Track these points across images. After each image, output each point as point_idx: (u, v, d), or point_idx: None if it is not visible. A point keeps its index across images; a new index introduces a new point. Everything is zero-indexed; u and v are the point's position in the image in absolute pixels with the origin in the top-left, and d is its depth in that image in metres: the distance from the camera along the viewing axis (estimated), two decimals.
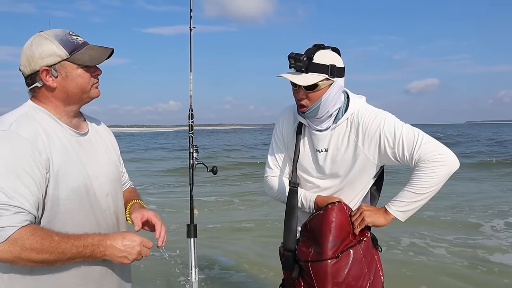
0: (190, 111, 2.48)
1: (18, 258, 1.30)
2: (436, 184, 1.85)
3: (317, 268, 1.85)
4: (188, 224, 2.39)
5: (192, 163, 2.39)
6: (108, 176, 1.63)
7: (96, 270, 1.54)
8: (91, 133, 1.64)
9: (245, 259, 5.39)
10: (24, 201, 1.32)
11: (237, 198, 9.87)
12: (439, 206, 7.87)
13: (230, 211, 8.56)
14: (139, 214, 1.67)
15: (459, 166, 1.88)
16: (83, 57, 1.49)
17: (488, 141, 31.59)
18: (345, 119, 1.95)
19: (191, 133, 2.44)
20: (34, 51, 1.46)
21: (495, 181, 12.35)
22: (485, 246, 5.72)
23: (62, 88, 1.49)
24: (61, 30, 1.51)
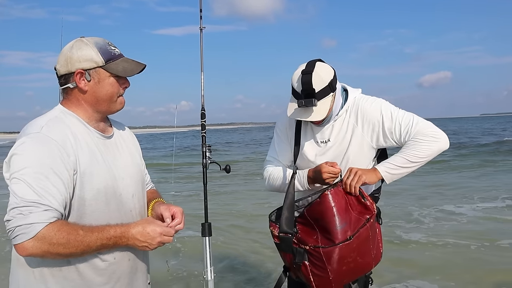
0: (202, 111, 2.49)
1: (47, 252, 1.36)
2: (428, 156, 2.01)
3: (330, 252, 1.89)
4: (203, 223, 2.40)
5: (205, 162, 2.40)
6: (133, 177, 1.69)
7: (121, 269, 1.60)
8: (116, 137, 1.71)
9: (260, 255, 5.42)
10: (52, 199, 1.38)
11: (248, 194, 9.92)
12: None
13: (241, 206, 8.60)
14: (167, 206, 1.73)
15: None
16: (117, 67, 1.58)
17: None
18: (345, 110, 2.09)
19: (204, 133, 2.45)
20: (73, 53, 1.55)
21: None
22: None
23: (93, 92, 1.57)
24: (101, 39, 1.61)
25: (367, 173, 2.00)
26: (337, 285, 1.95)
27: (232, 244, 5.98)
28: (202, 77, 2.54)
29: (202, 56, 2.54)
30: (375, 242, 2.01)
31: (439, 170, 13.12)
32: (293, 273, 2.09)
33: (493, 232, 6.07)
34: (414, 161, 2.00)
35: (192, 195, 10.06)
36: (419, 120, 2.04)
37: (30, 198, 1.35)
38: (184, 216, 1.71)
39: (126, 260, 1.61)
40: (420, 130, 2.01)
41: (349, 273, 1.95)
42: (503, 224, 6.56)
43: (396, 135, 2.04)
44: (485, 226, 6.48)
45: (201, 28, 2.56)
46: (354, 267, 1.94)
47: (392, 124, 2.04)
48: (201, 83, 2.53)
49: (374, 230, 2.01)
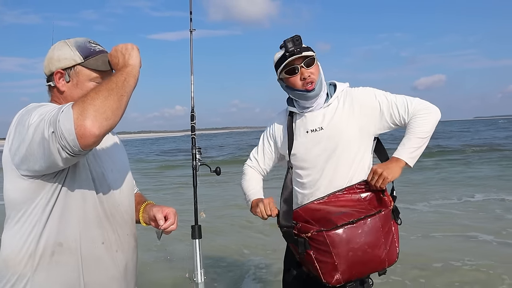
0: (192, 113, 2.49)
1: (102, 116, 1.21)
2: (432, 129, 2.10)
3: (333, 235, 1.88)
4: (193, 225, 2.39)
5: (195, 164, 2.40)
6: (122, 174, 1.68)
7: (108, 273, 1.56)
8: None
9: (251, 254, 5.42)
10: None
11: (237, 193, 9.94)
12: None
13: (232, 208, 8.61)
14: (160, 208, 1.72)
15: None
16: (96, 62, 1.55)
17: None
18: (335, 97, 2.14)
19: (193, 135, 2.44)
20: (54, 53, 1.57)
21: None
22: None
23: (69, 94, 1.56)
24: (83, 39, 1.61)
25: (390, 170, 2.01)
26: (345, 274, 1.89)
27: (222, 245, 5.97)
28: (192, 79, 2.54)
29: (192, 58, 2.54)
30: (389, 238, 1.98)
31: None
32: (305, 267, 2.08)
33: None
34: (425, 136, 2.07)
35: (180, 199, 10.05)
36: (411, 99, 2.13)
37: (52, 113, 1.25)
38: (177, 217, 1.71)
39: (114, 251, 1.58)
40: (416, 107, 2.10)
41: (357, 263, 1.90)
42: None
43: (396, 116, 2.10)
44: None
45: (191, 30, 2.56)
46: (363, 257, 1.89)
47: (390, 106, 2.10)
48: (191, 85, 2.53)
49: (389, 226, 2.00)
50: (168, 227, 1.67)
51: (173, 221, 1.68)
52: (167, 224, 1.66)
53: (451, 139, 29.55)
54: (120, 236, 1.62)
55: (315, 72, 2.09)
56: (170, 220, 1.67)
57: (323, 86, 2.14)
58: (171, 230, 1.69)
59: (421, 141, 2.06)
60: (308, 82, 2.08)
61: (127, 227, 1.66)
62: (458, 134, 36.21)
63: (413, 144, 2.06)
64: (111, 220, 1.58)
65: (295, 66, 2.09)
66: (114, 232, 1.59)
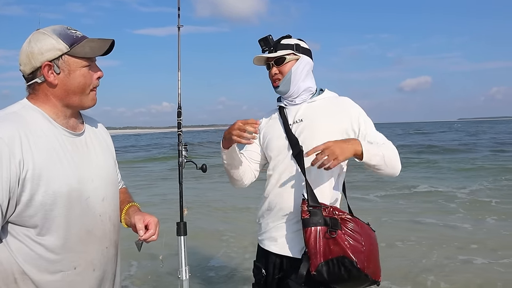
0: (179, 109, 2.48)
1: None
2: (391, 166, 2.01)
3: (362, 224, 2.00)
4: (178, 222, 2.38)
5: (181, 161, 2.39)
6: (104, 179, 1.57)
7: (84, 280, 1.50)
8: (87, 134, 1.58)
9: (236, 253, 5.42)
10: None
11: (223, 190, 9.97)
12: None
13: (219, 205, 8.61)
14: (141, 216, 1.63)
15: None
16: (83, 49, 1.45)
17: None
18: (322, 98, 2.19)
19: (180, 131, 2.44)
20: (33, 47, 1.43)
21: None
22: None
23: (63, 85, 1.45)
24: (59, 26, 1.48)
25: (343, 150, 1.85)
26: (365, 263, 1.88)
27: (207, 242, 5.96)
28: (179, 76, 2.53)
29: (180, 54, 2.53)
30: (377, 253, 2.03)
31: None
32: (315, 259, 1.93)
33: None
34: (385, 159, 1.96)
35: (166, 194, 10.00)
36: (384, 138, 2.12)
37: None
38: (159, 227, 1.64)
39: (90, 271, 1.51)
40: (382, 141, 2.09)
41: (373, 260, 1.93)
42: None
43: (362, 136, 2.10)
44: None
45: (178, 26, 2.55)
46: (374, 259, 1.95)
47: (367, 127, 2.13)
48: (178, 82, 2.52)
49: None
50: (149, 238, 1.61)
51: (153, 232, 1.61)
52: (147, 235, 1.60)
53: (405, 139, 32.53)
54: (97, 252, 1.54)
55: (282, 71, 2.15)
56: (151, 231, 1.60)
57: (298, 86, 2.16)
58: (152, 240, 1.62)
59: (381, 159, 1.95)
60: (274, 79, 2.19)
61: (107, 239, 1.58)
62: (407, 135, 40.78)
63: (378, 151, 1.95)
64: (87, 239, 1.49)
65: (268, 62, 2.21)
66: (89, 252, 1.51)
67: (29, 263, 1.37)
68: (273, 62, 2.17)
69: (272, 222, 2.19)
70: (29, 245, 1.37)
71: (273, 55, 2.15)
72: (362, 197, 9.43)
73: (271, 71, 2.19)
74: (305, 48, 2.21)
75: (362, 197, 9.39)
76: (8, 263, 1.36)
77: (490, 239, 6.06)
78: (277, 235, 2.16)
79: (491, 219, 7.32)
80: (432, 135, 42.81)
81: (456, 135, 40.76)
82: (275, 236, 2.17)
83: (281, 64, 2.16)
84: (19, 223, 1.36)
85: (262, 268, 2.23)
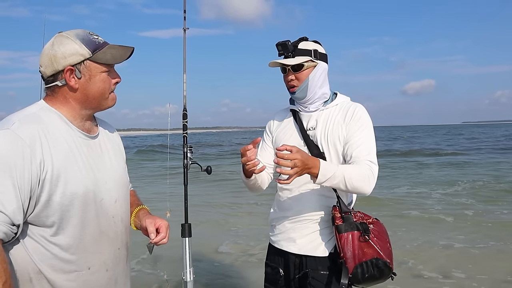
0: (184, 111, 2.49)
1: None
2: (355, 188, 1.91)
3: (384, 226, 2.09)
4: (183, 224, 2.39)
5: (186, 162, 2.40)
6: (117, 181, 1.60)
7: (97, 280, 1.51)
8: (101, 137, 1.61)
9: (239, 255, 5.43)
10: (7, 204, 1.28)
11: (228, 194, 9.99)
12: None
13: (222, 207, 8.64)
14: (152, 220, 1.65)
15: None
16: (105, 55, 1.48)
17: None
18: (334, 104, 2.16)
19: (185, 133, 2.45)
20: (56, 51, 1.44)
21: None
22: None
23: (83, 90, 1.48)
24: (82, 30, 1.50)
25: (306, 165, 1.77)
26: (391, 261, 2.03)
27: (211, 244, 5.97)
28: (184, 78, 2.54)
29: (185, 57, 2.54)
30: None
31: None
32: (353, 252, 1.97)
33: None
34: (346, 180, 1.88)
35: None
36: (370, 152, 2.01)
37: None
38: (169, 230, 1.66)
39: (103, 271, 1.53)
40: (365, 158, 1.98)
41: (392, 255, 2.06)
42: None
43: (352, 150, 2.01)
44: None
45: (184, 29, 2.56)
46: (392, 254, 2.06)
47: (354, 139, 2.03)
48: (183, 84, 2.54)
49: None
50: (160, 241, 1.63)
51: (164, 235, 1.63)
52: (159, 238, 1.62)
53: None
54: (110, 253, 1.56)
55: (299, 78, 2.11)
56: (161, 234, 1.63)
57: (314, 92, 2.13)
58: (162, 243, 1.65)
59: (342, 181, 1.87)
60: (290, 85, 2.14)
61: (119, 240, 1.60)
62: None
63: (339, 173, 1.86)
64: (100, 240, 1.51)
65: (285, 66, 2.14)
66: (103, 253, 1.53)
67: (44, 262, 1.39)
68: (289, 68, 2.12)
69: (290, 223, 2.18)
70: (45, 245, 1.39)
71: (291, 62, 2.09)
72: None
73: (287, 77, 2.14)
74: (322, 54, 2.17)
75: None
76: (24, 263, 1.38)
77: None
78: (296, 236, 2.16)
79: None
80: (415, 139, 44.02)
81: (436, 139, 42.24)
82: (293, 237, 2.17)
83: (298, 71, 2.11)
84: (36, 223, 1.38)
85: (280, 268, 2.23)
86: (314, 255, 2.12)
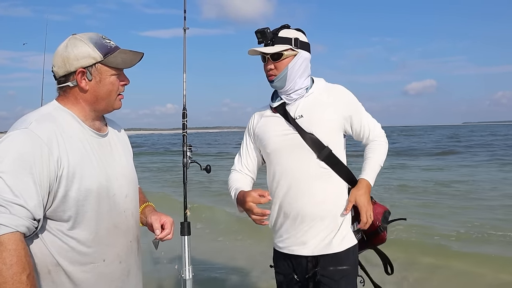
0: (184, 110, 2.51)
1: None
2: (384, 159, 2.27)
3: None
4: (182, 222, 2.41)
5: (185, 161, 2.41)
6: (127, 177, 1.67)
7: (112, 272, 1.57)
8: (111, 135, 1.68)
9: (239, 256, 5.42)
10: (29, 200, 1.34)
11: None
12: None
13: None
14: (158, 217, 1.73)
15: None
16: (116, 60, 1.55)
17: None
18: (316, 89, 2.15)
19: (185, 132, 2.46)
20: (69, 52, 1.51)
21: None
22: None
23: (93, 91, 1.55)
24: (95, 34, 1.57)
25: (368, 202, 2.14)
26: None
27: (210, 242, 5.98)
28: (184, 78, 2.56)
29: (185, 56, 2.56)
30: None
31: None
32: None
33: None
34: (381, 164, 2.26)
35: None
36: (375, 123, 2.27)
37: (5, 196, 1.31)
38: (174, 227, 1.74)
39: (117, 263, 1.59)
40: (377, 133, 2.26)
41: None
42: None
43: (357, 130, 2.21)
44: None
45: (184, 28, 2.58)
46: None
47: (359, 119, 2.19)
48: (183, 83, 2.55)
49: None
50: (165, 237, 1.70)
51: (169, 231, 1.71)
52: (164, 234, 1.69)
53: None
54: (123, 246, 1.62)
55: (278, 67, 2.06)
56: (166, 230, 1.70)
57: (294, 82, 2.09)
58: (167, 239, 1.72)
59: (379, 168, 2.25)
60: (269, 74, 2.10)
61: (130, 233, 1.66)
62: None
63: (377, 169, 2.23)
64: (114, 233, 1.58)
65: (264, 55, 2.09)
66: (116, 245, 1.59)
67: (62, 255, 1.45)
68: (269, 56, 2.06)
69: (292, 227, 2.13)
70: (62, 239, 1.46)
71: (270, 51, 2.04)
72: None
73: (267, 66, 2.09)
74: (304, 42, 2.11)
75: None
76: (42, 256, 1.44)
77: None
78: (305, 239, 2.11)
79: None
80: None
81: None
82: (303, 240, 2.11)
83: (277, 60, 2.05)
84: (54, 218, 1.44)
85: (293, 274, 2.18)
86: (328, 252, 2.08)
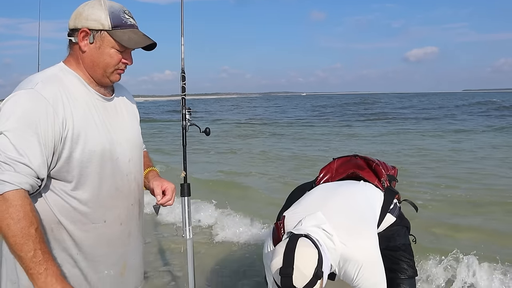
0: (182, 73, 2.51)
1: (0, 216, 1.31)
2: None
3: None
4: (182, 184, 2.46)
5: (184, 124, 2.44)
6: (131, 141, 1.68)
7: (112, 233, 1.61)
8: (117, 99, 1.68)
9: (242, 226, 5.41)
10: (33, 159, 1.36)
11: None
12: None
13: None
14: (160, 182, 1.76)
15: None
16: (123, 36, 1.53)
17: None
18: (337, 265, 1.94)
19: (184, 95, 2.48)
20: (84, 10, 1.52)
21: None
22: None
23: (90, 55, 1.54)
24: (120, 6, 1.56)
25: None
26: None
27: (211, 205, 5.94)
28: (182, 41, 2.55)
29: (183, 19, 2.55)
30: None
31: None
32: None
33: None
34: None
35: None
36: None
37: (10, 154, 1.33)
38: (175, 193, 1.78)
39: (118, 225, 1.62)
40: None
41: None
42: None
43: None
44: None
45: None
46: None
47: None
48: (181, 46, 2.55)
49: None
50: (166, 203, 1.74)
51: (170, 197, 1.74)
52: (164, 200, 1.73)
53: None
54: (124, 208, 1.65)
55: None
56: (167, 196, 1.74)
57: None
58: (168, 205, 1.77)
59: None
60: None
61: (132, 197, 1.68)
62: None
63: None
64: (115, 196, 1.60)
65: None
66: (117, 208, 1.62)
67: (63, 214, 1.49)
68: None
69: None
70: (65, 198, 1.49)
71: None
72: None
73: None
74: (319, 265, 1.75)
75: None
76: (45, 214, 1.47)
77: None
78: None
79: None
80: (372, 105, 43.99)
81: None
82: None
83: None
84: (58, 178, 1.47)
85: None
86: None
